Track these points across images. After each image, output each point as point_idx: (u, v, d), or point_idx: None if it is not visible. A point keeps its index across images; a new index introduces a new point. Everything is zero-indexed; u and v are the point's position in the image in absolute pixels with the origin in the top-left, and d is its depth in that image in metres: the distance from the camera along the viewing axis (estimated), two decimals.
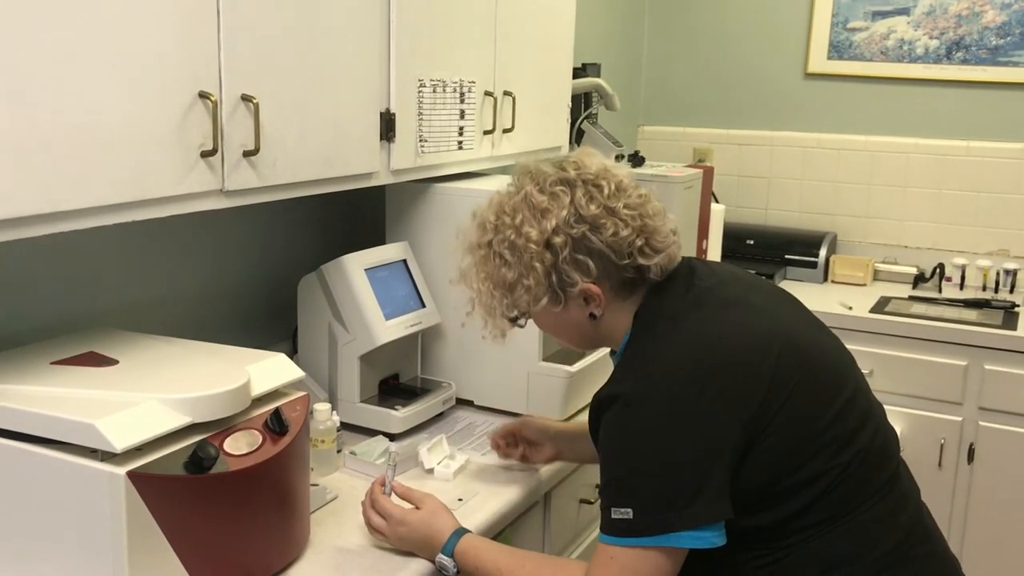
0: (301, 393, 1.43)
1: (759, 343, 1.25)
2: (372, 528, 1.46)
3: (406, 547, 1.44)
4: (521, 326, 1.43)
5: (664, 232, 1.34)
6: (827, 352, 1.34)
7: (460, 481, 1.70)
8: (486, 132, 2.09)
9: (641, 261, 1.32)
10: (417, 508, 1.45)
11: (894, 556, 1.26)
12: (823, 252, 3.42)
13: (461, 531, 1.41)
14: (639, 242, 1.31)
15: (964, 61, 3.31)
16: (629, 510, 1.20)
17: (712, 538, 1.20)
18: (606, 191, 1.31)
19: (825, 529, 1.25)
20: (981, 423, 2.84)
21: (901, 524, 1.29)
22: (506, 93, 2.13)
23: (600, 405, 1.27)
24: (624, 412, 1.23)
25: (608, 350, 1.48)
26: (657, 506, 1.19)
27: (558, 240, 1.29)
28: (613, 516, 1.21)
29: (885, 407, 3.06)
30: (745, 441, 1.21)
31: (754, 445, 1.21)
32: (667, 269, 1.35)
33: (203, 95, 1.36)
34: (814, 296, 3.17)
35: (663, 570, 1.21)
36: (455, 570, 1.38)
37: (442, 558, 1.39)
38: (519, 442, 1.74)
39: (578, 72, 2.80)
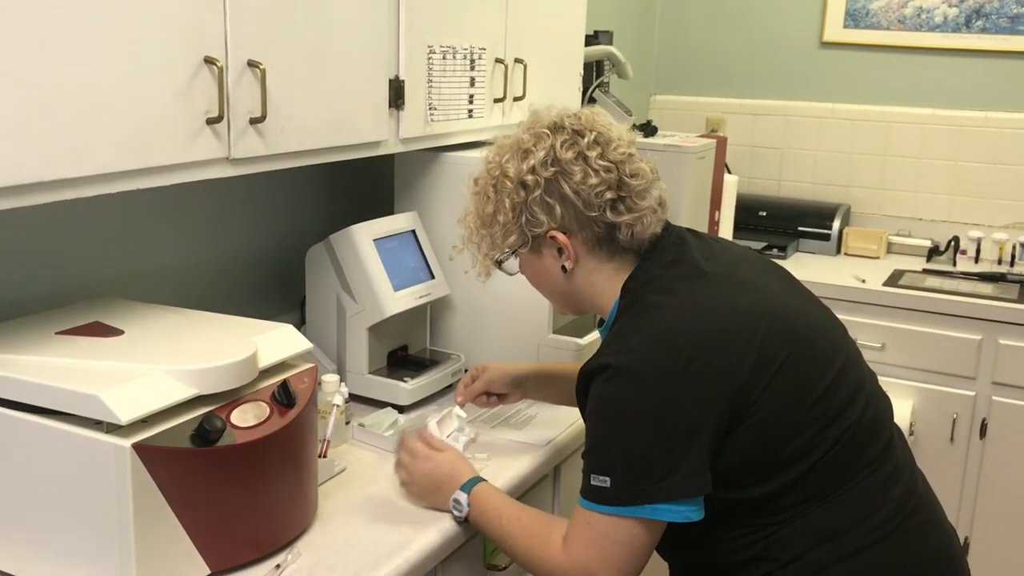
0: (309, 365, 1.41)
1: (746, 318, 1.26)
2: (398, 465, 1.52)
3: (425, 484, 1.48)
4: (508, 272, 1.46)
5: (644, 196, 1.35)
6: (817, 325, 1.34)
7: (469, 453, 1.68)
8: (496, 100, 2.06)
9: (610, 216, 1.33)
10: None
11: (885, 529, 1.27)
12: (837, 224, 3.38)
13: (480, 478, 1.46)
14: (609, 195, 1.32)
15: (984, 30, 3.25)
16: (607, 478, 1.23)
17: (688, 512, 1.22)
18: (586, 140, 1.34)
19: (817, 504, 1.25)
20: (994, 398, 2.81)
21: (893, 496, 1.29)
22: (517, 60, 2.10)
23: (587, 376, 1.29)
24: (609, 383, 1.24)
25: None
26: (634, 477, 1.21)
27: (530, 179, 1.33)
28: (592, 483, 1.24)
29: (898, 381, 3.05)
30: (730, 416, 1.22)
31: (741, 420, 1.22)
32: (640, 236, 1.35)
33: (208, 60, 1.33)
34: (827, 269, 3.14)
35: (638, 540, 1.23)
36: (467, 508, 1.42)
37: (459, 494, 1.43)
38: (489, 394, 1.75)
39: (590, 40, 2.75)
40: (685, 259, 1.34)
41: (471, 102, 1.98)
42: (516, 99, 2.11)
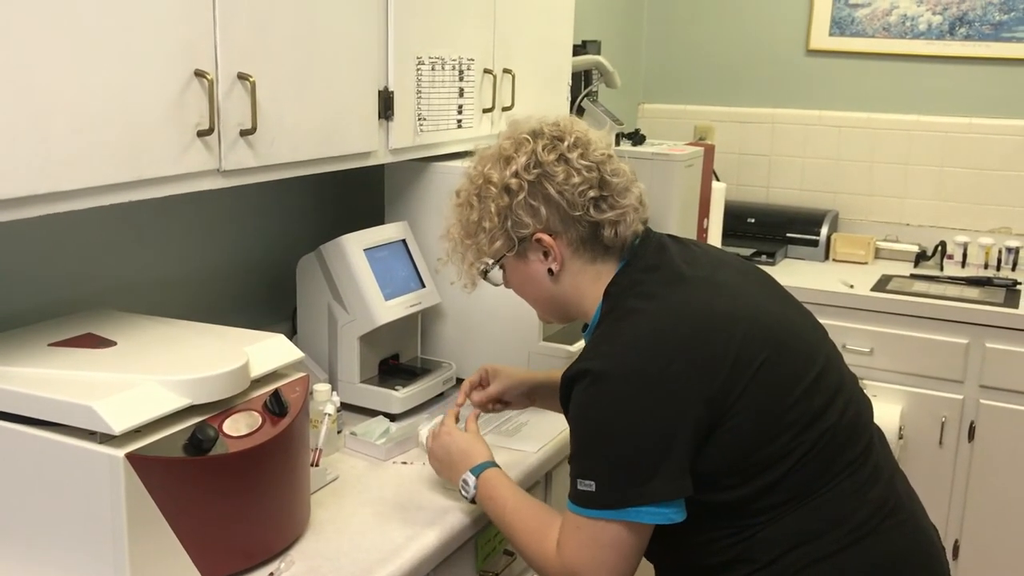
0: (301, 374, 1.42)
1: (724, 321, 1.27)
2: (431, 434, 1.58)
3: (441, 458, 1.53)
4: (492, 283, 1.48)
5: (625, 194, 1.38)
6: (796, 329, 1.36)
7: None
8: (485, 110, 2.07)
9: (594, 214, 1.36)
10: None
11: (863, 530, 1.28)
12: (824, 230, 3.40)
13: (494, 464, 1.49)
14: (592, 193, 1.36)
15: (967, 37, 3.28)
16: (592, 483, 1.24)
17: (671, 514, 1.24)
18: (566, 143, 1.38)
19: (796, 505, 1.27)
20: (982, 401, 2.83)
21: (872, 498, 1.30)
22: (505, 71, 2.11)
23: (568, 381, 1.30)
24: (589, 388, 1.26)
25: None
26: (618, 481, 1.23)
27: (514, 183, 1.36)
28: (579, 487, 1.26)
29: (886, 385, 3.06)
30: (709, 418, 1.23)
31: (719, 422, 1.24)
32: (623, 234, 1.38)
33: (199, 73, 1.34)
34: (815, 274, 3.16)
35: (626, 542, 1.25)
36: (474, 491, 1.45)
37: (468, 475, 1.46)
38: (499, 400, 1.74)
39: (578, 49, 2.77)
40: (665, 264, 1.36)
41: (460, 112, 1.99)
42: (505, 109, 2.13)
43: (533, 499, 1.43)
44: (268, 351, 1.39)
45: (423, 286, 1.95)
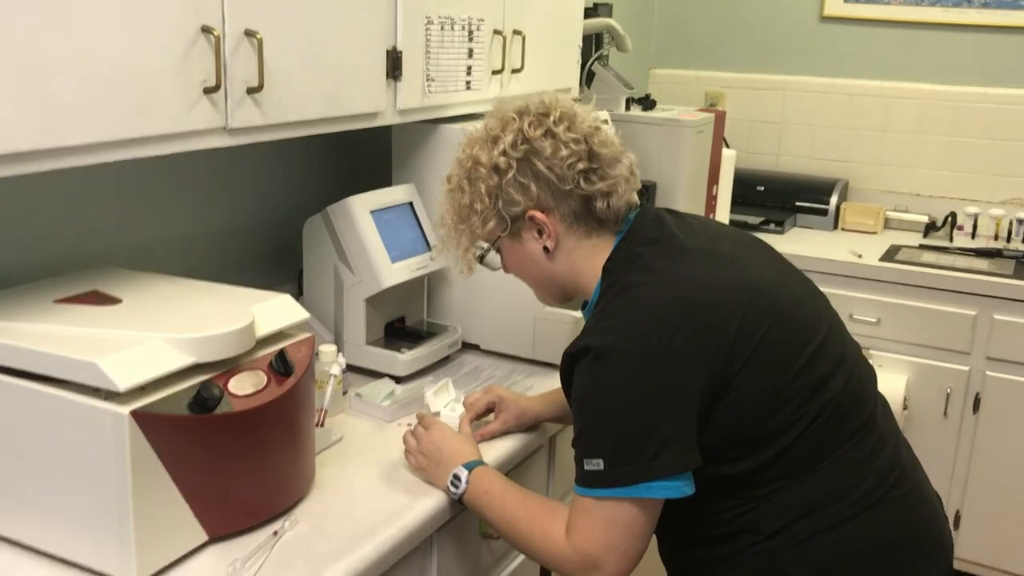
0: (306, 334, 1.42)
1: (726, 291, 1.26)
2: (411, 435, 1.52)
3: (431, 453, 1.48)
4: (490, 267, 1.47)
5: (615, 165, 1.37)
6: (798, 299, 1.34)
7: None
8: (495, 72, 2.05)
9: (584, 187, 1.34)
10: None
11: (868, 500, 1.28)
12: (834, 199, 3.38)
13: (484, 463, 1.46)
14: (581, 166, 1.34)
15: (984, 5, 3.23)
16: (600, 461, 1.22)
17: (682, 487, 1.22)
18: (552, 117, 1.37)
19: (801, 476, 1.26)
20: (988, 373, 2.83)
21: (877, 467, 1.30)
22: (516, 32, 2.09)
23: (571, 358, 1.29)
24: (592, 364, 1.24)
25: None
26: (627, 457, 1.21)
27: (502, 162, 1.35)
28: (586, 468, 1.24)
29: (893, 356, 3.06)
30: (713, 389, 1.22)
31: (723, 394, 1.22)
32: (616, 205, 1.36)
33: (205, 29, 1.33)
34: (824, 243, 3.15)
35: (638, 520, 1.23)
36: (465, 485, 1.41)
37: (460, 469, 1.42)
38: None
39: (589, 12, 2.74)
40: (664, 237, 1.35)
41: (469, 73, 1.97)
42: (514, 71, 2.11)
43: (530, 491, 1.40)
44: (274, 311, 1.39)
45: (430, 249, 1.94)
